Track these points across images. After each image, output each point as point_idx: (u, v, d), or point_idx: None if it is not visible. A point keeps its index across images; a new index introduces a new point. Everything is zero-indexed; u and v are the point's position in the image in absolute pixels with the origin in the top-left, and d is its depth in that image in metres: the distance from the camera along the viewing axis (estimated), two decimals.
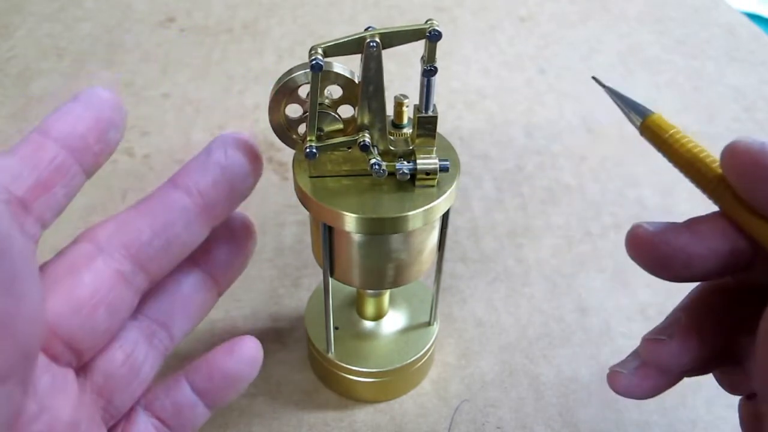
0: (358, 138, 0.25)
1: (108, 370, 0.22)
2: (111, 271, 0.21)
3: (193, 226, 0.23)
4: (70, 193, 0.21)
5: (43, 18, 0.64)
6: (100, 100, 0.22)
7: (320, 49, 0.23)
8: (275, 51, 0.60)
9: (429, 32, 0.23)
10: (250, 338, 0.25)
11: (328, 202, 0.24)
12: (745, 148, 0.20)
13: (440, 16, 0.65)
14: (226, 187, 0.24)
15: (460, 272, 0.39)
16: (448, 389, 0.33)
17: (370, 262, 0.27)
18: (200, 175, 0.23)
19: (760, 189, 0.20)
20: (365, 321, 0.33)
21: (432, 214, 0.25)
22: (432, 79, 0.24)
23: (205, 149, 0.24)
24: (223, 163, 0.23)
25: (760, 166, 0.19)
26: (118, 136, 0.23)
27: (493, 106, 0.53)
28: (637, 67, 0.59)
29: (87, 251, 0.22)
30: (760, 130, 0.52)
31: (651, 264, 0.22)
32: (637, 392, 0.24)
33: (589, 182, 0.46)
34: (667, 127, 0.23)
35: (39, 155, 0.20)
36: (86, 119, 0.21)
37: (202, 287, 0.26)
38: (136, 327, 0.24)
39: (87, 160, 0.22)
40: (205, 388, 0.25)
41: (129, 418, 0.24)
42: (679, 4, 0.70)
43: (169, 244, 0.23)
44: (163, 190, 0.23)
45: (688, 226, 0.22)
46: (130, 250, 0.22)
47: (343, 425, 0.31)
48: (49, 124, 0.21)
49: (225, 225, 0.26)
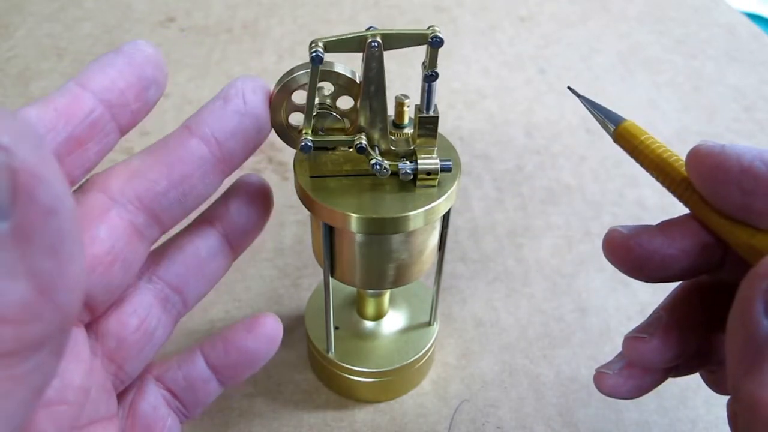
0: (355, 140, 0.25)
1: (121, 334, 0.22)
2: (125, 223, 0.20)
3: (209, 177, 0.22)
4: (102, 151, 0.21)
5: (43, 18, 0.64)
6: (144, 56, 0.21)
7: (321, 42, 0.23)
8: (275, 51, 0.60)
9: (431, 38, 0.23)
10: (271, 316, 0.24)
11: (329, 202, 0.24)
12: (706, 152, 0.20)
13: (440, 16, 0.65)
14: (244, 136, 0.22)
15: (460, 272, 0.39)
16: (448, 389, 0.33)
17: (371, 262, 0.27)
18: (218, 122, 0.22)
19: (721, 191, 0.20)
20: (365, 321, 0.33)
21: (433, 214, 0.25)
22: (433, 84, 0.24)
23: (222, 95, 0.23)
24: (242, 110, 0.22)
25: (720, 170, 0.20)
26: (158, 95, 0.22)
27: (493, 106, 0.53)
28: (637, 67, 0.59)
29: (100, 202, 0.20)
30: (760, 130, 0.52)
31: (627, 266, 0.23)
32: (623, 392, 0.24)
33: (589, 182, 0.46)
34: (639, 133, 0.24)
35: (75, 108, 0.20)
36: (127, 74, 0.21)
37: (218, 251, 0.25)
38: (151, 291, 0.23)
39: (124, 118, 0.21)
40: (220, 364, 0.24)
41: (140, 389, 0.23)
42: (679, 4, 0.70)
43: (185, 195, 0.22)
44: (179, 137, 0.22)
45: (661, 228, 0.22)
46: (144, 201, 0.21)
47: (343, 425, 0.31)
48: (89, 76, 0.20)
49: (243, 188, 0.25)
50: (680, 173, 0.22)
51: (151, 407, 0.23)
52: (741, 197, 0.20)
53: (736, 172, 0.20)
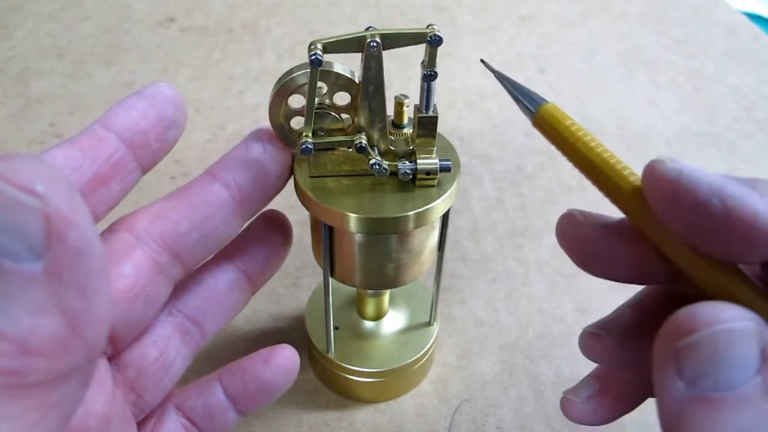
0: (354, 139, 0.25)
1: (141, 365, 0.22)
2: (149, 261, 0.22)
3: (230, 219, 0.23)
4: (125, 189, 0.21)
5: (43, 18, 0.64)
6: (165, 98, 0.22)
7: (320, 44, 0.23)
8: (275, 51, 0.60)
9: (430, 37, 0.23)
10: (287, 348, 0.25)
11: (329, 202, 0.24)
12: (661, 176, 0.18)
13: (440, 16, 0.65)
14: (264, 182, 0.24)
15: (460, 272, 0.39)
16: (448, 389, 0.33)
17: (370, 262, 0.27)
18: (239, 169, 0.23)
19: (672, 221, 0.18)
20: (365, 321, 0.33)
21: (432, 214, 0.25)
22: (432, 83, 0.24)
23: (243, 143, 0.24)
24: (261, 159, 0.24)
25: (673, 200, 0.18)
26: (177, 135, 0.23)
27: (493, 106, 0.53)
28: (637, 67, 0.59)
29: (126, 241, 0.21)
30: (760, 131, 0.52)
31: (576, 260, 0.22)
32: (591, 420, 0.24)
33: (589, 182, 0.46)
34: (563, 117, 0.21)
35: (99, 148, 0.20)
36: (149, 116, 0.22)
37: (237, 286, 0.26)
38: (170, 323, 0.24)
39: (145, 157, 0.22)
40: (237, 394, 0.25)
41: (160, 417, 0.24)
42: (679, 4, 0.70)
43: (206, 236, 0.23)
44: (202, 181, 0.23)
45: (619, 228, 0.21)
46: (167, 240, 0.22)
47: (343, 425, 0.31)
48: (112, 117, 0.21)
49: (264, 224, 0.26)
50: (628, 182, 0.20)
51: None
52: (695, 232, 0.18)
53: (691, 208, 0.17)
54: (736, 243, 0.17)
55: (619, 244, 0.21)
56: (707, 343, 0.16)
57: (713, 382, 0.16)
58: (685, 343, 0.16)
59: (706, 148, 0.50)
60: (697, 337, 0.16)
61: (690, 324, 0.16)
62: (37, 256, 0.12)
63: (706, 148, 0.50)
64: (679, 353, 0.16)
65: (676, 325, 0.16)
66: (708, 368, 0.16)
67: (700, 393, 0.16)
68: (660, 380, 0.17)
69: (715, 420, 0.15)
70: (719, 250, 0.18)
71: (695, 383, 0.16)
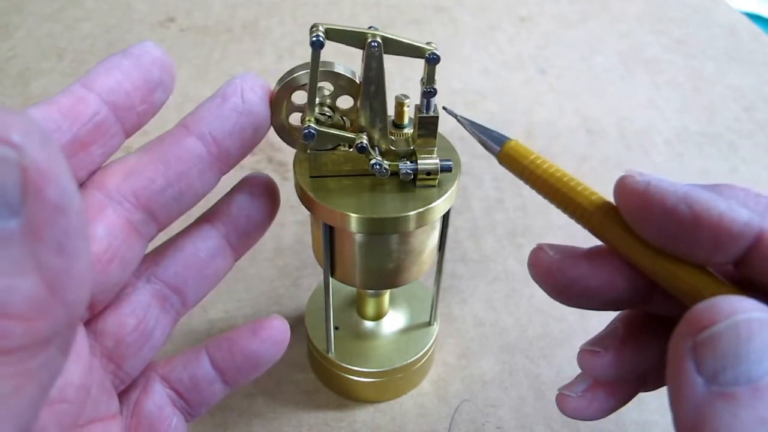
0: (356, 139, 0.25)
1: (119, 334, 0.22)
2: (123, 221, 0.20)
3: (206, 174, 0.22)
4: (106, 153, 0.20)
5: (43, 18, 0.64)
6: (151, 58, 0.21)
7: (322, 27, 0.23)
8: (275, 51, 0.60)
9: (428, 55, 0.23)
10: (278, 319, 0.24)
11: (329, 202, 0.24)
12: (630, 189, 0.19)
13: (440, 16, 0.65)
14: (242, 135, 0.22)
15: (460, 272, 0.39)
16: (448, 389, 0.33)
17: (371, 262, 0.27)
18: (215, 121, 0.22)
19: (645, 230, 0.19)
20: (365, 321, 0.33)
21: (432, 214, 0.25)
22: (431, 99, 0.24)
23: (220, 93, 0.22)
24: (239, 109, 0.22)
25: (644, 210, 0.19)
26: (164, 98, 0.22)
27: (493, 106, 0.53)
28: (637, 67, 0.59)
29: (97, 200, 0.20)
30: (760, 131, 0.52)
31: (549, 290, 0.22)
32: (587, 414, 0.24)
33: (589, 182, 0.46)
34: (526, 153, 0.23)
35: (80, 109, 0.19)
36: (134, 77, 0.20)
37: (218, 253, 0.24)
38: (149, 290, 0.23)
39: (129, 120, 0.21)
40: (225, 365, 0.24)
41: (145, 388, 0.23)
42: (679, 4, 0.70)
43: (181, 193, 0.22)
44: (176, 135, 0.22)
45: (587, 256, 0.22)
46: (141, 198, 0.21)
47: (343, 425, 0.31)
48: (94, 77, 0.20)
49: (247, 188, 0.25)
50: (591, 202, 0.21)
51: (157, 407, 0.23)
52: (665, 239, 0.19)
53: (660, 214, 0.19)
54: (705, 244, 0.18)
55: (589, 271, 0.21)
56: (728, 335, 0.16)
57: (734, 375, 0.15)
58: (705, 335, 0.16)
59: (706, 148, 0.50)
60: (717, 328, 0.16)
61: (709, 316, 0.16)
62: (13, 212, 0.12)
63: (706, 148, 0.50)
64: (698, 348, 0.16)
65: (694, 319, 0.16)
66: (729, 361, 0.16)
67: (721, 388, 0.16)
68: (678, 379, 0.17)
69: (737, 416, 0.15)
70: (690, 252, 0.19)
71: (716, 378, 0.16)
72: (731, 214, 0.18)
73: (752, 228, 0.18)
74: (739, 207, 0.18)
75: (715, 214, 0.18)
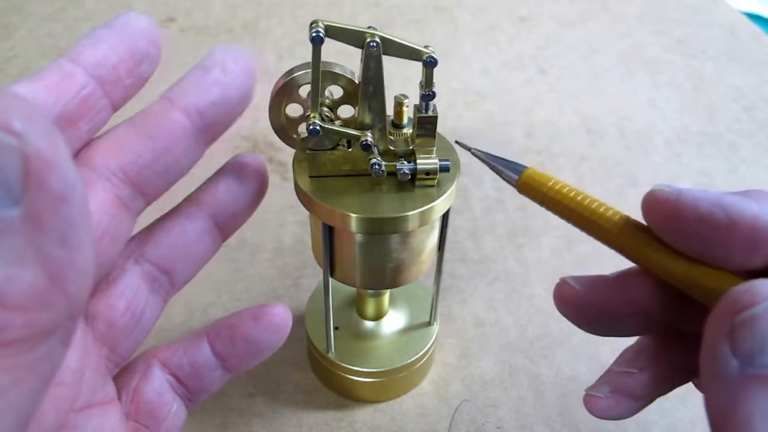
0: (360, 136, 0.25)
1: (110, 317, 0.21)
2: (111, 196, 0.20)
3: (191, 147, 0.22)
4: (94, 129, 0.20)
5: (43, 18, 0.64)
6: (137, 30, 0.21)
7: (322, 23, 0.23)
8: (275, 51, 0.60)
9: (426, 58, 0.23)
10: (279, 306, 0.24)
11: (328, 202, 0.24)
12: (662, 199, 0.20)
13: (440, 16, 0.65)
14: (226, 106, 0.22)
15: (460, 272, 0.39)
16: (448, 389, 0.33)
17: (370, 262, 0.27)
18: (198, 94, 0.22)
19: (680, 240, 0.20)
20: (365, 321, 0.33)
21: (432, 214, 0.25)
22: (430, 102, 0.24)
23: (201, 65, 0.22)
24: (222, 81, 0.22)
25: (677, 219, 0.19)
26: (151, 70, 0.21)
27: (493, 106, 0.53)
28: (637, 67, 0.59)
29: (85, 177, 0.20)
30: (760, 130, 0.52)
31: (579, 323, 0.22)
32: (615, 414, 0.24)
33: (589, 182, 0.46)
34: (544, 179, 0.23)
35: (66, 84, 0.19)
36: (119, 49, 0.20)
37: (206, 233, 0.24)
38: (138, 272, 0.23)
39: (116, 94, 0.20)
40: (225, 352, 0.24)
41: (144, 374, 0.23)
42: (679, 4, 0.70)
43: (167, 167, 0.21)
44: (160, 109, 0.22)
45: (614, 282, 0.22)
46: (129, 174, 0.21)
47: (343, 425, 0.31)
48: (79, 51, 0.20)
49: (234, 168, 0.25)
50: (612, 222, 0.21)
51: (156, 392, 0.23)
52: (701, 246, 0.19)
53: (694, 221, 0.19)
54: (740, 247, 0.18)
55: (617, 298, 0.21)
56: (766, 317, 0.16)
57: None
58: (743, 317, 0.16)
59: (706, 148, 0.50)
60: (756, 310, 0.16)
61: (748, 298, 0.16)
62: (14, 201, 0.11)
63: (706, 148, 0.50)
64: (735, 329, 0.16)
65: (732, 300, 0.16)
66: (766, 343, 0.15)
67: (757, 371, 0.16)
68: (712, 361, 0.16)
69: None
70: (726, 257, 0.19)
71: (752, 361, 0.16)
72: (765, 215, 0.18)
73: None
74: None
75: (749, 215, 0.18)
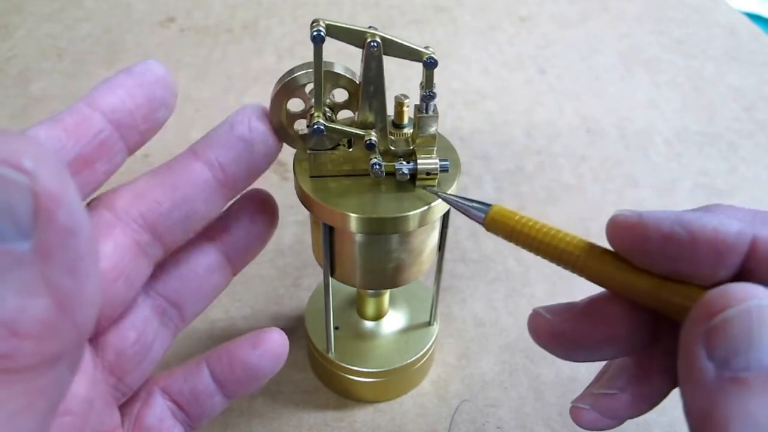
0: (365, 135, 0.25)
1: (120, 347, 0.22)
2: (130, 241, 0.21)
3: (212, 199, 0.23)
4: (110, 171, 0.21)
5: (43, 18, 0.64)
6: (154, 77, 0.21)
7: (323, 23, 0.23)
8: (275, 51, 0.60)
9: (426, 59, 0.23)
10: (276, 332, 0.25)
11: (329, 202, 0.24)
12: (624, 224, 0.20)
13: (440, 16, 0.65)
14: (249, 162, 0.23)
15: (460, 272, 0.39)
16: (448, 389, 0.33)
17: (371, 262, 0.27)
18: (222, 148, 0.23)
19: (646, 260, 0.20)
20: (365, 321, 0.33)
21: (432, 214, 0.25)
22: (431, 102, 0.24)
23: (228, 121, 0.23)
24: (246, 137, 0.23)
25: (641, 240, 0.20)
26: (167, 116, 0.22)
27: (493, 106, 0.53)
28: (637, 67, 0.59)
29: (106, 219, 0.21)
30: (760, 130, 0.52)
31: (557, 354, 0.23)
32: (603, 426, 0.24)
33: (589, 182, 0.46)
34: (510, 215, 0.23)
35: (84, 128, 0.20)
36: (137, 96, 0.21)
37: (216, 268, 0.25)
38: (149, 305, 0.23)
39: (132, 138, 0.21)
40: (225, 378, 0.24)
41: (146, 401, 0.24)
42: (679, 4, 0.70)
43: (187, 217, 0.22)
44: (184, 160, 0.23)
45: (586, 312, 0.22)
46: (148, 220, 0.21)
47: (343, 425, 0.31)
48: (98, 96, 0.20)
49: (246, 204, 0.25)
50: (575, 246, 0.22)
51: (157, 419, 0.24)
52: (668, 264, 0.19)
53: (658, 240, 0.19)
54: (706, 259, 0.19)
55: (591, 327, 0.22)
56: (740, 320, 0.16)
57: (745, 361, 0.15)
58: (717, 320, 0.16)
59: (706, 148, 0.50)
60: (730, 313, 0.16)
61: (722, 301, 0.16)
62: (25, 235, 0.12)
63: (706, 148, 0.50)
64: (710, 333, 0.16)
65: (706, 304, 0.17)
66: (741, 346, 0.15)
67: (733, 374, 0.16)
68: (689, 366, 0.17)
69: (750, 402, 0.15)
70: (693, 271, 0.19)
71: (727, 364, 0.16)
72: (724, 226, 0.19)
73: (745, 235, 0.18)
74: (729, 220, 0.19)
75: (709, 229, 0.19)
